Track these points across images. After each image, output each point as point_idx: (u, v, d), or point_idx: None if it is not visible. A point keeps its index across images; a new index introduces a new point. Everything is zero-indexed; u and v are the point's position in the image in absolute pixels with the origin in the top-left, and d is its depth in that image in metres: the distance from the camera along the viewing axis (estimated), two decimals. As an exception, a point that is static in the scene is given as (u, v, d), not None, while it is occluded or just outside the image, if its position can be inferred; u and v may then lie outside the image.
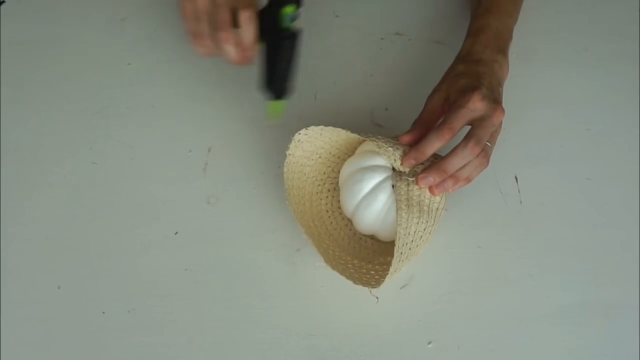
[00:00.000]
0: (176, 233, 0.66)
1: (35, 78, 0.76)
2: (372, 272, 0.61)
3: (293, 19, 0.57)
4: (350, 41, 0.78)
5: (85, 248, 0.65)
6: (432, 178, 0.57)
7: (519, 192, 0.67)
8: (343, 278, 0.62)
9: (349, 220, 0.65)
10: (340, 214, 0.66)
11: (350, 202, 0.61)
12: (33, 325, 0.62)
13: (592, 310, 0.61)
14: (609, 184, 0.68)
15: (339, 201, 0.65)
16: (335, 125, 0.70)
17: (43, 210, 0.67)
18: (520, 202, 0.67)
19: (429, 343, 0.60)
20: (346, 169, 0.62)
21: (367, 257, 0.63)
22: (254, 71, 0.75)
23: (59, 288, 0.63)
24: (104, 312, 0.62)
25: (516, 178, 0.68)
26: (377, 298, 0.62)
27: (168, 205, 0.68)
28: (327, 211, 0.66)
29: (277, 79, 0.59)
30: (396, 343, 0.60)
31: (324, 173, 0.66)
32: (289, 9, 0.56)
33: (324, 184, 0.66)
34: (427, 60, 0.76)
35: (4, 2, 0.81)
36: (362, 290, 0.62)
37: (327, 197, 0.66)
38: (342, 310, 0.62)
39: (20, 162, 0.70)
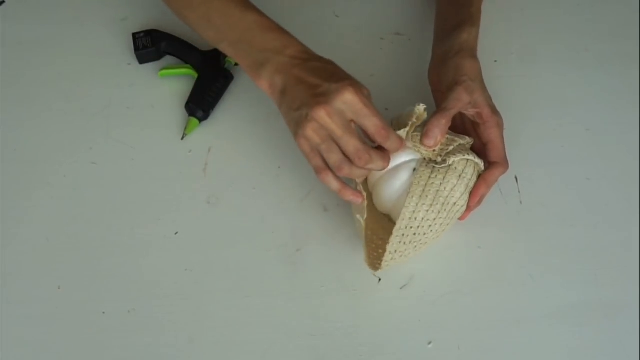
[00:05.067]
0: (176, 233, 0.66)
1: (35, 78, 0.76)
2: (379, 250, 0.60)
3: (230, 67, 0.74)
4: (350, 41, 0.78)
5: (85, 248, 0.65)
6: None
7: (519, 192, 0.67)
8: (343, 278, 0.63)
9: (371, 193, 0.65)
10: (366, 186, 0.64)
11: (374, 173, 0.61)
12: (33, 325, 0.62)
13: (592, 310, 0.61)
14: (609, 184, 0.68)
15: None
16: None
17: (43, 210, 0.67)
18: (520, 202, 0.67)
19: (429, 343, 0.60)
20: None
21: (380, 233, 0.62)
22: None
23: (59, 288, 0.63)
24: (104, 312, 0.62)
25: (516, 178, 0.68)
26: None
27: (168, 205, 0.67)
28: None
29: (205, 104, 0.71)
30: (396, 343, 0.60)
31: None
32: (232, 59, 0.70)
33: None
34: (427, 60, 0.76)
35: (4, 2, 0.81)
36: (362, 290, 0.62)
37: None
38: (342, 310, 0.62)
39: (20, 162, 0.70)
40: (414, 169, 0.59)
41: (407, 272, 0.63)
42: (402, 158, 0.60)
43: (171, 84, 0.74)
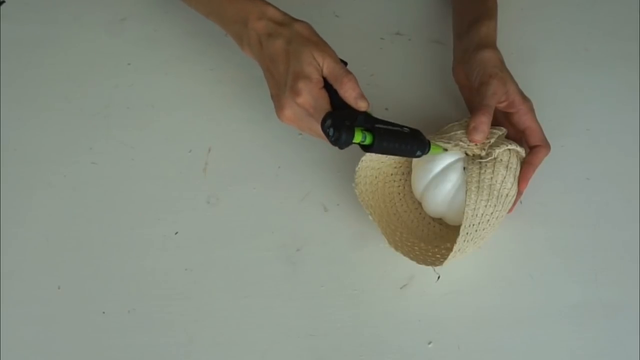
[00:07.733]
0: (176, 233, 0.66)
1: (35, 78, 0.76)
2: (437, 255, 0.61)
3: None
4: (350, 41, 0.77)
5: (85, 248, 0.65)
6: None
7: (519, 192, 0.67)
8: (343, 278, 0.63)
9: (419, 203, 0.65)
10: (412, 197, 0.66)
11: (420, 181, 0.61)
12: (33, 325, 0.62)
13: (592, 310, 0.61)
14: (609, 184, 0.68)
15: (411, 185, 0.65)
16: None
17: (43, 210, 0.67)
18: (521, 202, 0.66)
19: (429, 343, 0.60)
20: None
21: (434, 241, 0.64)
22: (253, 72, 0.75)
23: (59, 288, 0.63)
24: (104, 312, 0.62)
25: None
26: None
27: (168, 205, 0.67)
28: (399, 193, 0.66)
29: (411, 148, 0.57)
30: (396, 343, 0.60)
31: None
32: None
33: (400, 166, 0.66)
34: (427, 60, 0.76)
35: (4, 2, 0.81)
36: (362, 290, 0.62)
37: (400, 179, 0.67)
38: (342, 310, 0.62)
39: (20, 162, 0.70)
40: (464, 168, 0.60)
41: (407, 272, 0.63)
42: (446, 160, 0.60)
43: (171, 83, 0.74)
